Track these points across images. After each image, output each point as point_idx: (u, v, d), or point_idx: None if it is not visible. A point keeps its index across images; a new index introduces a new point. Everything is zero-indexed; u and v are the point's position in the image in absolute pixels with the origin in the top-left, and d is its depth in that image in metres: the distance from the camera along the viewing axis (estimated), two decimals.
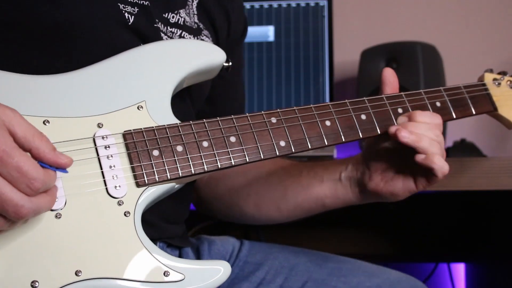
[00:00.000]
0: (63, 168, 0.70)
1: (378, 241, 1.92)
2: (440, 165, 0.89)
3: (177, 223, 1.01)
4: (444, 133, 1.59)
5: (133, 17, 0.89)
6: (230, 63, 0.91)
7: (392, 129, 0.90)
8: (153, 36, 0.91)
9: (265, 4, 1.81)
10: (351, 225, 1.92)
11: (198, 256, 1.05)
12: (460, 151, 1.53)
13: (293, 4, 1.81)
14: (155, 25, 0.92)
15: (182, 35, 0.96)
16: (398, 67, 1.61)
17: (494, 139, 1.90)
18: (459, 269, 1.96)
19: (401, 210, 1.89)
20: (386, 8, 2.00)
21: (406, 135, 0.89)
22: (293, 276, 1.01)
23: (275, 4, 1.81)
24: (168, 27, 0.94)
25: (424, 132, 0.90)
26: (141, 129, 0.80)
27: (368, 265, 1.04)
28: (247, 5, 1.81)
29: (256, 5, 1.81)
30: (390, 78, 0.97)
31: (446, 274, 1.93)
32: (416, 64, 1.58)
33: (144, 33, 0.90)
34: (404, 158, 0.93)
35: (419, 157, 0.89)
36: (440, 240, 1.90)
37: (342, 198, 1.01)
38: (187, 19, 0.98)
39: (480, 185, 1.29)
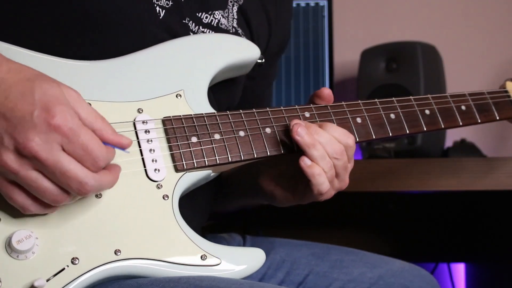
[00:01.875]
0: (123, 148, 0.71)
1: (378, 241, 1.92)
2: (319, 181, 0.82)
3: (195, 231, 1.01)
4: (444, 133, 1.61)
5: (164, 11, 0.89)
6: (264, 60, 0.93)
7: (293, 121, 0.84)
8: (182, 33, 0.90)
9: None
10: (351, 225, 1.92)
11: None
12: (460, 151, 1.53)
13: (293, 4, 1.81)
14: (183, 21, 0.91)
15: (206, 33, 0.95)
16: (398, 67, 1.61)
17: (494, 139, 1.90)
18: (459, 269, 1.96)
19: (401, 210, 1.89)
20: (386, 8, 2.00)
21: (301, 134, 0.82)
22: (294, 270, 1.02)
23: None
24: (200, 27, 0.94)
25: (324, 142, 0.83)
26: (180, 116, 0.82)
27: (371, 256, 1.04)
28: None
29: None
30: (326, 97, 0.92)
31: (446, 274, 1.93)
32: (416, 64, 1.58)
33: (173, 28, 0.89)
34: (294, 166, 0.88)
35: (303, 162, 0.82)
36: (440, 240, 1.90)
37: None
38: (223, 21, 0.97)
39: (480, 185, 1.29)
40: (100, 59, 0.82)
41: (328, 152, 0.83)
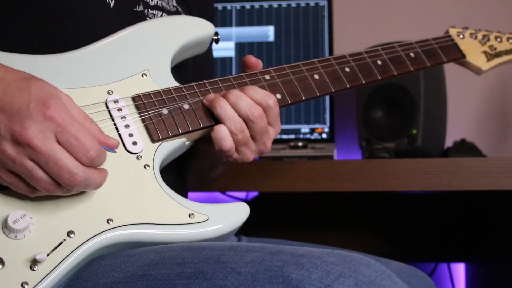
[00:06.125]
0: (112, 148, 0.76)
1: (378, 241, 1.92)
2: (219, 136, 0.87)
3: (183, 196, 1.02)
4: (444, 133, 1.61)
5: (113, 1, 0.93)
6: (219, 36, 1.00)
7: (210, 97, 0.89)
8: (136, 19, 0.94)
9: (265, 4, 1.81)
10: (350, 225, 1.92)
11: None
12: (460, 151, 1.53)
13: (293, 4, 1.81)
14: (134, 8, 0.96)
15: (163, 16, 1.00)
16: None
17: (494, 139, 1.90)
18: (459, 269, 1.96)
19: (401, 210, 1.89)
20: (386, 8, 2.00)
21: (207, 97, 0.89)
22: None
23: (275, 4, 1.81)
24: (149, 10, 0.98)
25: (242, 105, 0.87)
26: (148, 92, 0.88)
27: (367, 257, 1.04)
28: (247, 5, 1.81)
29: (256, 5, 1.81)
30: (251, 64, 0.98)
31: (446, 274, 1.93)
32: None
33: (126, 15, 0.94)
34: None
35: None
36: (440, 240, 1.90)
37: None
38: (164, 3, 1.02)
39: (480, 185, 1.29)
40: (59, 48, 0.86)
41: (242, 114, 0.87)
